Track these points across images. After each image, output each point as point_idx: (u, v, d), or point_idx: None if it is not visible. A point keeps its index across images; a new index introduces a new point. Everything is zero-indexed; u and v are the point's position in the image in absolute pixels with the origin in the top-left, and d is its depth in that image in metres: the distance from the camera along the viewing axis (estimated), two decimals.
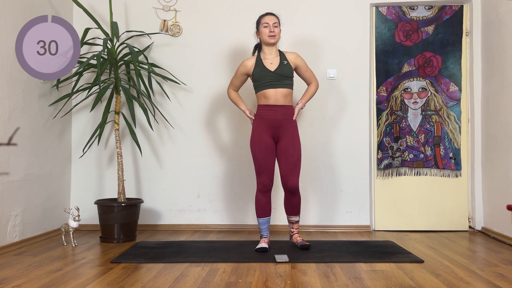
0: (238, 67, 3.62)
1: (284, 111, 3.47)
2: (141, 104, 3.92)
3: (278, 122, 3.46)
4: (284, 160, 3.45)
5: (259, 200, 3.51)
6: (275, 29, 3.51)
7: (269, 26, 3.50)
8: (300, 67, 3.61)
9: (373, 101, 4.41)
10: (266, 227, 3.52)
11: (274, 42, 3.52)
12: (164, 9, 4.44)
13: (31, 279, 2.68)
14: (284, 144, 3.46)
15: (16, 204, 3.55)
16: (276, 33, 3.51)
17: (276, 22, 3.53)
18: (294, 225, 3.60)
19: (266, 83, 3.47)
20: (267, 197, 3.51)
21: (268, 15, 3.57)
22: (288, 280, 2.67)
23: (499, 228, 3.92)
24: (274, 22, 3.52)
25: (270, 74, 3.47)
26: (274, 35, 3.50)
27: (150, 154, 4.42)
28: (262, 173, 3.46)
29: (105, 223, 3.78)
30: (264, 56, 3.55)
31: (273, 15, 3.58)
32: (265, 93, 3.48)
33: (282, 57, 3.56)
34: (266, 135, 3.46)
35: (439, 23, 4.40)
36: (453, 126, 4.37)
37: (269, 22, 3.51)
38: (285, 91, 3.48)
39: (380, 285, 2.57)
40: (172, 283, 2.60)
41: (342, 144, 4.35)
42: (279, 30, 3.55)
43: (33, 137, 3.78)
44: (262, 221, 3.52)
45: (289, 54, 3.60)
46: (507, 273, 2.81)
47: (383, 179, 4.38)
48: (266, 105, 3.48)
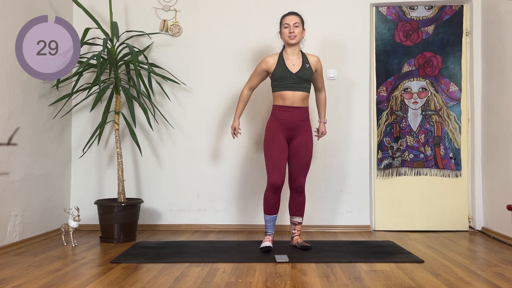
0: (259, 63, 3.54)
1: (300, 112, 3.46)
2: (141, 104, 3.92)
3: (294, 124, 3.46)
4: (296, 160, 3.47)
5: (269, 198, 3.45)
6: (295, 30, 3.44)
7: (290, 27, 3.44)
8: (317, 71, 3.57)
9: (373, 101, 4.41)
10: (272, 224, 3.49)
11: (294, 42, 3.45)
12: (164, 9, 4.44)
13: (31, 279, 2.68)
14: (297, 144, 3.47)
15: (16, 204, 3.55)
16: (297, 33, 3.44)
17: (297, 22, 3.45)
18: (296, 227, 3.59)
19: (286, 84, 3.43)
20: (277, 195, 3.45)
21: (289, 15, 3.49)
22: (288, 280, 2.67)
23: (499, 228, 3.92)
24: (294, 22, 3.44)
25: (291, 76, 3.42)
26: (295, 35, 3.43)
27: (150, 154, 4.42)
28: (275, 171, 3.39)
29: (105, 223, 3.78)
30: (287, 56, 3.49)
31: (294, 14, 3.50)
32: (283, 94, 3.44)
33: (304, 59, 3.50)
34: (281, 135, 3.45)
35: (439, 23, 4.40)
36: (453, 126, 4.37)
37: (290, 23, 3.44)
38: (304, 94, 3.45)
39: (380, 285, 2.57)
40: (172, 283, 2.60)
41: (342, 144, 4.35)
42: (301, 30, 3.47)
43: (33, 137, 3.78)
44: (268, 218, 3.49)
45: (311, 57, 3.54)
46: (507, 273, 2.81)
47: (383, 179, 4.38)
48: (282, 106, 3.45)
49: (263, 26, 4.40)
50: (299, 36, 3.46)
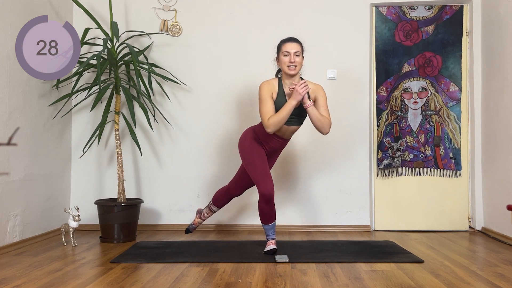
0: (263, 90, 3.21)
1: (285, 143, 3.43)
2: (141, 104, 3.92)
3: (273, 151, 3.44)
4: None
5: (264, 209, 3.26)
6: (296, 59, 3.17)
7: (290, 55, 3.17)
8: (317, 100, 3.29)
9: (373, 101, 4.41)
10: (273, 231, 3.38)
11: (294, 73, 3.20)
12: (164, 9, 4.44)
13: (31, 279, 2.68)
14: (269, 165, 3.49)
15: (16, 204, 3.55)
16: (297, 63, 3.18)
17: (298, 51, 3.19)
18: (210, 213, 3.74)
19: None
20: (272, 204, 3.26)
21: (290, 41, 3.22)
22: (288, 280, 2.67)
23: (499, 228, 3.92)
24: (295, 51, 3.18)
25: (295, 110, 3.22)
26: (295, 65, 3.17)
27: (150, 154, 4.42)
28: (264, 180, 3.21)
29: (105, 223, 3.78)
30: (285, 86, 3.25)
31: (295, 41, 3.23)
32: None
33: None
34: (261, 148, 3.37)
35: (439, 23, 4.40)
36: (453, 126, 4.37)
37: (290, 51, 3.17)
38: (296, 128, 3.35)
39: (380, 285, 2.57)
40: (172, 283, 2.60)
41: (342, 144, 4.35)
42: (302, 59, 3.22)
43: (33, 137, 3.78)
44: (268, 226, 3.36)
45: (312, 88, 3.28)
46: (507, 273, 2.81)
47: (383, 179, 4.38)
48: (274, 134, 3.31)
49: (263, 26, 4.40)
50: (299, 66, 3.21)
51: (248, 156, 3.32)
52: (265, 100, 3.19)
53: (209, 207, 3.75)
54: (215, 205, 3.71)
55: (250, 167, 3.30)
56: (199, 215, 3.80)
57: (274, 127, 3.16)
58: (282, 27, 4.39)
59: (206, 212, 3.76)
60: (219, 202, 3.69)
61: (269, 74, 4.34)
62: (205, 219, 3.80)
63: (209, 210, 3.75)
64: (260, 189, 3.22)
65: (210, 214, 3.77)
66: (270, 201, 3.24)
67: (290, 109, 3.14)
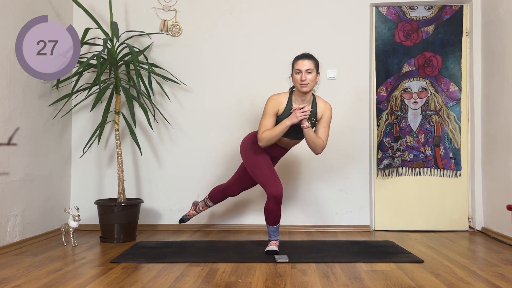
0: (269, 104, 3.22)
1: (284, 152, 3.50)
2: (141, 104, 3.92)
3: (273, 158, 3.53)
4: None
5: (272, 211, 3.25)
6: (307, 77, 3.14)
7: (302, 73, 3.15)
8: (322, 120, 3.29)
9: (373, 101, 4.41)
10: (277, 232, 3.39)
11: (306, 91, 3.16)
12: (164, 9, 4.44)
13: (31, 279, 2.68)
14: None
15: (16, 204, 3.55)
16: (310, 81, 3.14)
17: (311, 68, 3.15)
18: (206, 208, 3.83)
19: (288, 132, 3.24)
20: (280, 206, 3.27)
21: (302, 59, 3.19)
22: (288, 280, 2.67)
23: (499, 228, 3.92)
24: (307, 68, 3.14)
25: (295, 128, 3.23)
26: (307, 83, 3.14)
27: (150, 154, 4.42)
28: (274, 182, 3.22)
29: (105, 223, 3.78)
30: (295, 101, 3.25)
31: (308, 58, 3.19)
32: (281, 138, 3.29)
33: (314, 110, 3.26)
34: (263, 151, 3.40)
35: (439, 23, 4.40)
36: (453, 126, 4.37)
37: (302, 69, 3.15)
38: (298, 141, 3.40)
39: (380, 285, 2.57)
40: (172, 283, 2.60)
41: (342, 144, 4.35)
42: (315, 76, 3.18)
43: (33, 137, 3.78)
44: (273, 228, 3.36)
45: (321, 105, 3.28)
46: (507, 273, 2.81)
47: (383, 179, 4.38)
48: (275, 144, 3.36)
49: (263, 26, 4.40)
50: (312, 83, 3.17)
51: (252, 160, 3.33)
52: (267, 115, 3.23)
53: (204, 201, 3.82)
54: (211, 201, 3.79)
55: (256, 170, 3.30)
56: (194, 207, 3.88)
57: (265, 142, 3.21)
58: (282, 27, 4.39)
59: (202, 206, 3.85)
60: (214, 199, 3.76)
61: (269, 74, 4.35)
62: (200, 212, 3.89)
63: (205, 204, 3.83)
64: (269, 191, 3.21)
65: (205, 208, 3.86)
66: (279, 203, 3.25)
67: (283, 128, 3.16)
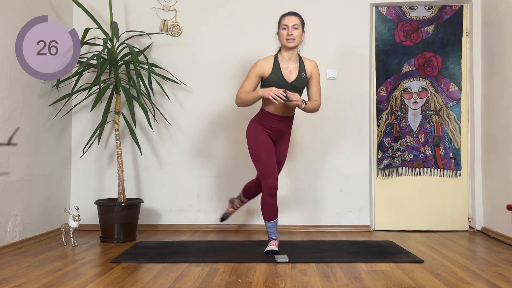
0: (253, 68, 3.31)
1: (288, 122, 3.40)
2: (141, 104, 3.92)
3: (280, 132, 3.40)
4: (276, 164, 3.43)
5: (268, 203, 3.30)
6: (294, 32, 3.22)
7: (288, 29, 3.23)
8: (312, 78, 3.38)
9: (373, 101, 4.41)
10: (275, 229, 3.39)
11: (292, 46, 3.25)
12: (164, 9, 4.44)
13: (31, 279, 2.68)
14: (280, 149, 3.46)
15: (16, 204, 3.55)
16: (296, 36, 3.23)
17: (297, 24, 3.24)
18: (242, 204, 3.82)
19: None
20: (275, 199, 3.32)
21: (289, 15, 3.29)
22: (288, 280, 2.67)
23: (499, 228, 3.92)
24: (294, 24, 3.23)
25: (286, 85, 3.26)
26: (293, 38, 3.22)
27: (150, 154, 4.42)
28: (270, 175, 3.26)
29: (105, 223, 3.78)
30: (283, 60, 3.30)
31: (294, 15, 3.29)
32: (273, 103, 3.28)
33: (301, 67, 3.34)
34: (267, 137, 3.35)
35: (439, 23, 4.40)
36: (453, 126, 4.37)
37: (288, 24, 3.23)
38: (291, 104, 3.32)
39: (380, 285, 2.57)
40: (172, 283, 2.60)
41: (342, 144, 4.35)
42: (301, 33, 3.27)
43: (33, 137, 3.78)
44: (271, 224, 3.37)
45: (308, 63, 3.38)
46: (507, 273, 2.81)
47: (383, 179, 4.38)
48: (272, 114, 3.32)
49: (263, 26, 4.40)
50: (298, 39, 3.26)
51: (254, 150, 3.34)
52: (249, 78, 3.32)
53: (239, 198, 3.80)
54: (245, 197, 3.75)
55: (255, 161, 3.35)
56: (232, 205, 3.88)
57: (239, 102, 3.33)
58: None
59: (238, 203, 3.84)
60: (248, 195, 3.71)
61: None
62: (237, 208, 3.89)
63: (240, 201, 3.82)
64: (264, 183, 3.28)
65: (241, 205, 3.86)
66: (273, 195, 3.30)
67: (254, 96, 3.25)
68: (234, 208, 3.88)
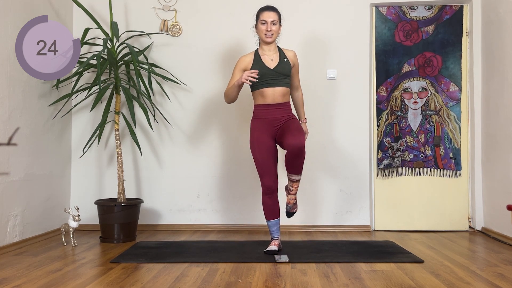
0: (236, 64, 3.43)
1: (283, 109, 3.35)
2: (141, 104, 3.92)
3: (278, 122, 3.34)
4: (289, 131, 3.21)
5: (266, 203, 3.38)
6: (272, 28, 3.34)
7: (267, 24, 3.33)
8: (295, 67, 3.49)
9: (373, 101, 4.41)
10: (276, 228, 3.41)
11: (270, 41, 3.37)
12: (164, 9, 4.44)
13: (31, 279, 2.68)
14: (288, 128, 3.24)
15: (16, 204, 3.55)
16: (274, 32, 3.35)
17: (275, 20, 3.35)
18: (294, 184, 3.35)
19: (265, 81, 3.30)
20: (273, 199, 3.37)
21: (267, 10, 3.38)
22: (288, 280, 2.67)
23: (499, 228, 3.92)
24: (272, 20, 3.34)
25: (269, 72, 3.31)
26: (272, 34, 3.34)
27: (150, 154, 4.42)
28: (265, 174, 3.32)
29: (105, 223, 3.78)
30: (263, 52, 3.39)
31: (273, 10, 3.38)
32: (263, 91, 3.32)
33: (281, 54, 3.41)
34: (266, 135, 3.33)
35: (439, 23, 4.40)
36: (453, 126, 4.37)
37: (267, 20, 3.33)
38: (284, 90, 3.34)
39: (380, 285, 2.57)
40: (172, 283, 2.60)
41: (342, 144, 4.35)
42: (278, 27, 3.38)
43: (33, 137, 3.78)
44: (271, 223, 3.41)
45: (288, 52, 3.46)
46: (507, 273, 2.81)
47: (383, 179, 4.38)
48: (264, 104, 3.34)
49: None
50: (276, 34, 3.37)
51: (251, 149, 3.40)
52: (233, 74, 3.42)
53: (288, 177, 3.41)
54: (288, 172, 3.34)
55: (253, 160, 3.40)
56: (288, 192, 3.45)
57: (225, 98, 3.45)
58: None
59: (290, 185, 3.41)
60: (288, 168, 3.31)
61: None
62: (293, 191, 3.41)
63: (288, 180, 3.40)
64: (261, 182, 3.37)
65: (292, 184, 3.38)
66: (271, 194, 3.35)
67: (232, 86, 3.33)
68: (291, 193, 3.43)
